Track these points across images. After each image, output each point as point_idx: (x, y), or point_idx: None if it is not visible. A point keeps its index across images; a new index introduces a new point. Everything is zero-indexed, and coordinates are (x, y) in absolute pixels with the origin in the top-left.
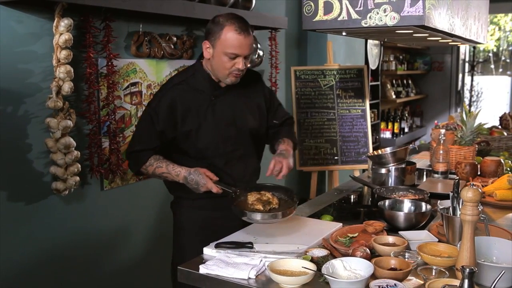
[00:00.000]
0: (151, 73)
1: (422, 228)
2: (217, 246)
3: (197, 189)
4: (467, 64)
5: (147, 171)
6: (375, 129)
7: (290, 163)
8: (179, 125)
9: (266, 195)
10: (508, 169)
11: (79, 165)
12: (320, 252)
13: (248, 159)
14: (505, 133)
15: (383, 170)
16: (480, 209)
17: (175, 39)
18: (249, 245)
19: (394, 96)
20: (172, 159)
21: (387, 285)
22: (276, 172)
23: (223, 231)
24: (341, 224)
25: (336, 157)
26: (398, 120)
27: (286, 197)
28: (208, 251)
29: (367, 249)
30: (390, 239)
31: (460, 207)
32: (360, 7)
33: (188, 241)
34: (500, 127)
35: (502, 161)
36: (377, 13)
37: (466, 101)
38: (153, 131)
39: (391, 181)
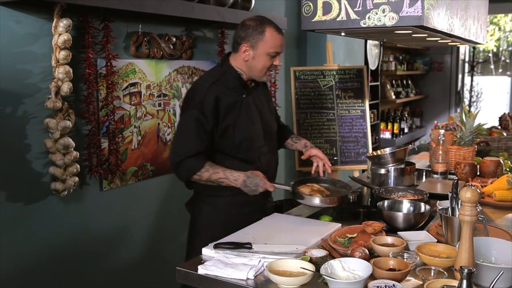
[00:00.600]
0: (151, 73)
1: (421, 228)
2: (215, 247)
3: (256, 190)
4: (466, 65)
5: (201, 177)
6: (375, 129)
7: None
8: (221, 121)
9: (315, 186)
10: (508, 169)
11: (78, 166)
12: (319, 253)
13: (272, 155)
14: (505, 134)
15: (383, 171)
16: (478, 210)
17: (174, 39)
18: (248, 246)
19: (393, 97)
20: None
21: (385, 286)
22: (321, 169)
23: (243, 227)
24: (340, 224)
25: (335, 158)
26: (398, 121)
27: (334, 187)
28: (206, 251)
29: (366, 250)
30: (389, 239)
31: (459, 207)
32: (359, 7)
33: (206, 239)
34: (499, 127)
35: (502, 162)
36: (376, 13)
37: (466, 101)
38: (203, 133)
39: (390, 182)
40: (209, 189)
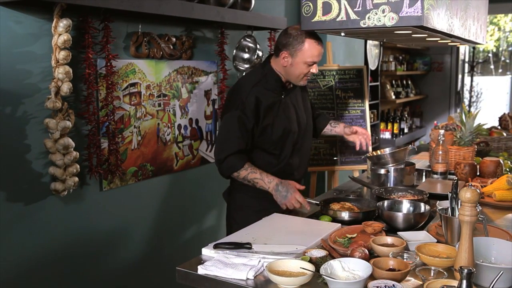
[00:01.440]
0: (150, 73)
1: (421, 228)
2: (215, 247)
3: (286, 197)
4: (466, 65)
5: (239, 175)
6: (375, 129)
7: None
8: (261, 121)
9: (347, 204)
10: (507, 169)
11: (78, 166)
12: (319, 253)
13: (305, 151)
14: (505, 134)
15: (382, 171)
16: (478, 210)
17: (174, 39)
18: (248, 246)
19: (393, 97)
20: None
21: (385, 286)
22: (364, 143)
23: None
24: (340, 224)
25: (335, 158)
26: (398, 121)
27: (363, 206)
28: (206, 251)
29: (366, 250)
30: (389, 239)
31: (459, 207)
32: (358, 7)
33: (238, 221)
34: (499, 127)
35: (501, 162)
36: (376, 13)
37: (466, 101)
38: (244, 131)
39: (390, 182)
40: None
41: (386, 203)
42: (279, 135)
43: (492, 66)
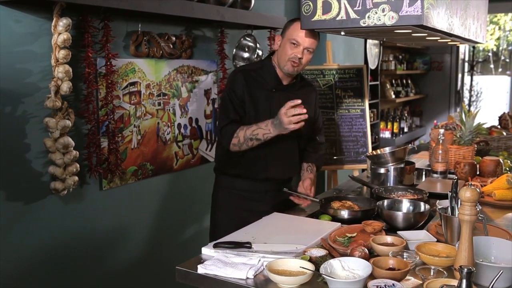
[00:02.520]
0: (150, 72)
1: (421, 228)
2: (215, 246)
3: (281, 122)
4: (466, 64)
5: (239, 139)
6: (375, 129)
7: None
8: (247, 102)
9: (347, 203)
10: (507, 169)
11: (78, 165)
12: (319, 252)
13: (289, 157)
14: (504, 133)
15: (382, 170)
16: (478, 209)
17: (174, 38)
18: (248, 245)
19: (393, 96)
20: None
21: (385, 285)
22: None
23: (256, 213)
24: (340, 224)
25: (335, 157)
26: (398, 120)
27: (366, 206)
28: (206, 251)
29: (366, 249)
30: (389, 239)
31: (459, 207)
32: (358, 6)
33: (221, 219)
34: (499, 127)
35: (501, 161)
36: (376, 12)
37: (466, 100)
38: (235, 104)
39: (390, 181)
40: (227, 172)
41: (386, 202)
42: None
43: (492, 66)
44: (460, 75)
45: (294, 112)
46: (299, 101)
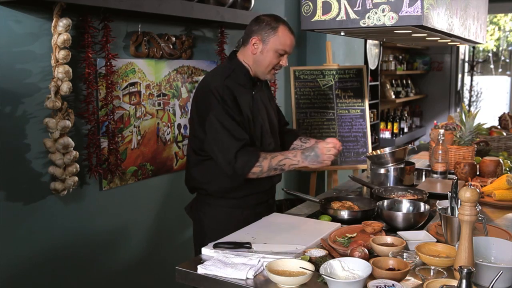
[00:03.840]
0: (150, 73)
1: (421, 228)
2: (215, 246)
3: (317, 156)
4: (466, 64)
5: (262, 167)
6: (375, 129)
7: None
8: (243, 112)
9: (347, 203)
10: (507, 169)
11: (78, 165)
12: (319, 252)
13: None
14: (504, 133)
15: (382, 170)
16: (478, 209)
17: (174, 39)
18: (247, 245)
19: (393, 96)
20: None
21: (385, 285)
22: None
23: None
24: (340, 224)
25: (335, 157)
26: (398, 120)
27: (366, 206)
28: (206, 251)
29: (366, 249)
30: (389, 239)
31: (459, 207)
32: (358, 7)
33: (211, 240)
34: (499, 127)
35: (501, 161)
36: (376, 13)
37: (466, 101)
38: (236, 122)
39: (390, 181)
40: (214, 193)
41: (385, 202)
42: (258, 133)
43: (492, 66)
44: (460, 75)
45: (333, 149)
46: (336, 140)
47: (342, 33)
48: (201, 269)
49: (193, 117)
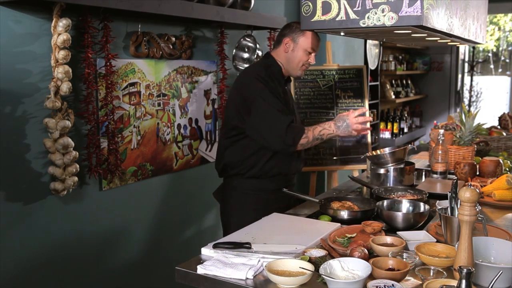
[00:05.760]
0: (150, 73)
1: (421, 228)
2: (215, 247)
3: (348, 125)
4: (466, 64)
5: (308, 138)
6: (374, 129)
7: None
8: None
9: (347, 203)
10: (507, 169)
11: (78, 165)
12: (318, 253)
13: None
14: (504, 133)
15: (382, 170)
16: (478, 209)
17: (173, 39)
18: (247, 245)
19: (393, 96)
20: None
21: (384, 286)
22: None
23: (271, 212)
24: (339, 224)
25: (335, 157)
26: (398, 120)
27: (366, 206)
28: (206, 251)
29: (365, 250)
30: (388, 239)
31: (458, 207)
32: (358, 7)
33: (235, 223)
34: (499, 127)
35: (501, 161)
36: (375, 13)
37: (466, 101)
38: (281, 102)
39: (390, 181)
40: (242, 171)
41: (385, 202)
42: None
43: (492, 66)
44: (460, 76)
45: (362, 118)
46: (366, 109)
47: (342, 33)
48: (200, 269)
49: (230, 104)
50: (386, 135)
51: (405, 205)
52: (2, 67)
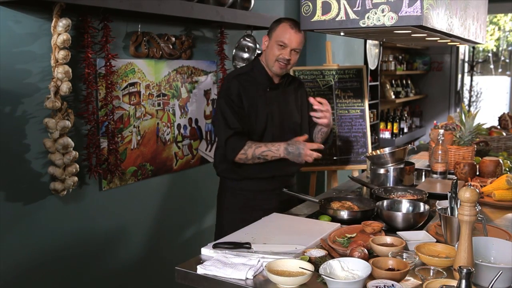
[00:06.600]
0: (150, 73)
1: (420, 228)
2: (215, 247)
3: (299, 155)
4: (466, 64)
5: (246, 155)
6: (374, 129)
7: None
8: (245, 107)
9: (347, 203)
10: (507, 169)
11: (77, 166)
12: (318, 253)
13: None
14: (504, 133)
15: (382, 171)
16: (478, 209)
17: (173, 39)
18: (247, 246)
19: (393, 96)
20: None
21: (384, 286)
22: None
23: (261, 212)
24: (339, 224)
25: (335, 157)
26: (397, 120)
27: (366, 206)
28: (206, 251)
29: (365, 250)
30: (388, 239)
31: (458, 207)
32: (358, 7)
33: (228, 222)
34: (499, 127)
35: (501, 161)
36: (375, 13)
37: (466, 101)
38: (235, 113)
39: (390, 182)
40: (231, 177)
41: (385, 202)
42: (261, 126)
43: (492, 66)
44: (460, 76)
45: (315, 154)
46: (322, 146)
47: (342, 33)
48: (200, 269)
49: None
50: (386, 135)
51: (405, 205)
52: (2, 67)
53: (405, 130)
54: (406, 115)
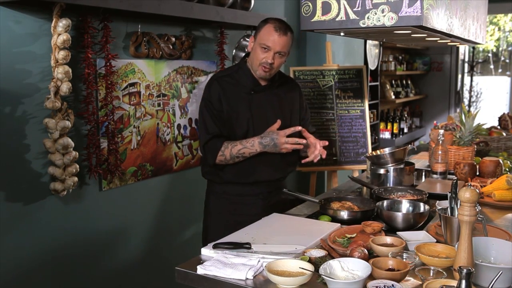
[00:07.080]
0: (150, 73)
1: (420, 228)
2: (215, 247)
3: (275, 146)
4: (466, 65)
5: (225, 156)
6: (374, 129)
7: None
8: (225, 110)
9: (347, 203)
10: (507, 169)
11: (78, 166)
12: (318, 253)
13: (278, 158)
14: (504, 134)
15: (382, 171)
16: (478, 210)
17: (173, 39)
18: (247, 246)
19: (393, 97)
20: None
21: (384, 286)
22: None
23: (245, 217)
24: (339, 224)
25: (334, 158)
26: (397, 121)
27: (366, 206)
28: (205, 251)
29: (365, 250)
30: (388, 239)
31: (458, 207)
32: (358, 7)
33: (212, 224)
34: (499, 127)
35: (501, 162)
36: (375, 13)
37: (465, 101)
38: (214, 117)
39: (390, 182)
40: (215, 180)
41: (385, 203)
42: (243, 130)
43: (492, 66)
44: (460, 76)
45: (290, 141)
46: (300, 128)
47: (342, 34)
48: (200, 270)
49: None
50: (386, 135)
51: (405, 205)
52: (2, 67)
53: (405, 130)
54: (406, 115)
